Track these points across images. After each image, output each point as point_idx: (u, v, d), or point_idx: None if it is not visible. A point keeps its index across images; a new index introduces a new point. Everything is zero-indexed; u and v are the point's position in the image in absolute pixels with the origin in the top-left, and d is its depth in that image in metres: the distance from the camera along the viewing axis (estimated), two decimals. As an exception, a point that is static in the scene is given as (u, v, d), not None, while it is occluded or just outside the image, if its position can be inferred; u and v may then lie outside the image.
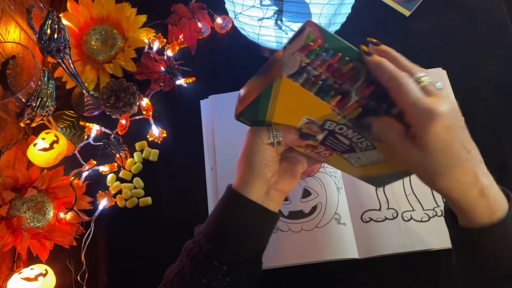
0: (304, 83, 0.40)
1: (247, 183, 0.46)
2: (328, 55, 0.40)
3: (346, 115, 0.41)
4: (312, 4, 0.60)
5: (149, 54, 0.77)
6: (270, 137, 0.46)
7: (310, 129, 0.45)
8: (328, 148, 0.48)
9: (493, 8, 0.78)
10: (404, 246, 0.61)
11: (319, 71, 0.40)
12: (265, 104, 0.44)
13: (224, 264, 0.44)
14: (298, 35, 0.40)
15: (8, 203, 0.62)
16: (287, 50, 0.40)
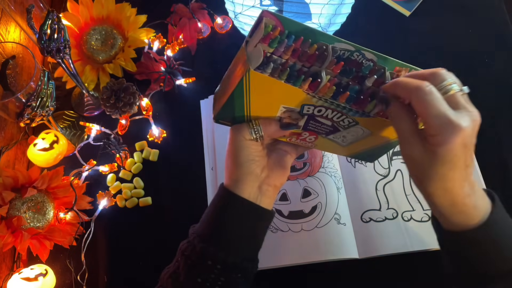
0: (273, 73, 0.39)
1: (237, 181, 0.46)
2: (291, 40, 0.40)
3: (321, 96, 0.41)
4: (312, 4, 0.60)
5: (149, 54, 0.77)
6: (252, 132, 0.46)
7: (290, 117, 0.45)
8: (312, 132, 0.47)
9: (493, 8, 0.78)
10: (404, 246, 0.61)
11: (285, 58, 0.40)
12: (239, 101, 0.43)
13: (217, 264, 0.44)
14: (256, 26, 0.40)
15: (8, 203, 0.62)
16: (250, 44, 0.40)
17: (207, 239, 0.45)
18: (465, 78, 0.72)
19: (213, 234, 0.46)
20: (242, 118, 0.47)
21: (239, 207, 0.46)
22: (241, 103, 0.44)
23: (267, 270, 0.60)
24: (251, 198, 0.46)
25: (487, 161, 0.65)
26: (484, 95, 0.71)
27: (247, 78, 0.40)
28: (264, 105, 0.44)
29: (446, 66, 0.73)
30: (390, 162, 0.67)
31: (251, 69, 0.39)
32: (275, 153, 0.50)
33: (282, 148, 0.51)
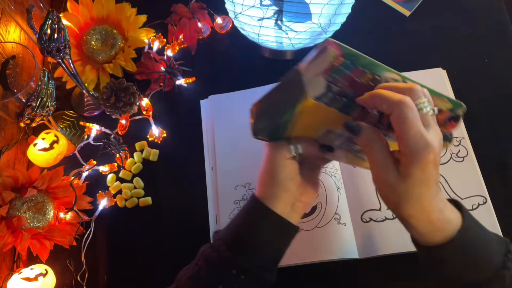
0: (329, 102, 0.39)
1: (273, 197, 0.46)
2: (348, 69, 0.40)
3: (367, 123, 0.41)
4: (312, 4, 0.60)
5: (149, 54, 0.77)
6: (291, 149, 0.46)
7: (329, 137, 0.46)
8: (344, 150, 0.48)
9: (493, 8, 0.78)
10: (404, 246, 0.61)
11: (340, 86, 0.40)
12: (286, 123, 0.43)
13: (242, 273, 0.44)
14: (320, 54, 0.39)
15: (8, 203, 0.62)
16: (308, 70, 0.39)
17: (234, 248, 0.45)
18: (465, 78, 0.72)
19: (242, 244, 0.46)
20: (281, 136, 0.47)
21: (271, 222, 0.46)
22: (287, 125, 0.44)
23: (267, 270, 0.60)
24: (284, 214, 0.47)
25: (487, 161, 0.65)
26: (484, 95, 0.71)
27: (303, 106, 0.39)
28: (309, 127, 0.44)
29: (446, 66, 0.73)
30: (390, 162, 0.67)
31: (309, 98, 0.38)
32: (306, 168, 0.50)
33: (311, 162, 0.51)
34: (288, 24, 0.65)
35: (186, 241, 0.66)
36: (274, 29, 0.66)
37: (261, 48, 0.76)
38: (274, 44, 0.70)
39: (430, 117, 0.38)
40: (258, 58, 0.77)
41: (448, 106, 0.44)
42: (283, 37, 0.67)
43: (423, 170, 0.37)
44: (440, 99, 0.43)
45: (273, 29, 0.66)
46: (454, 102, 0.44)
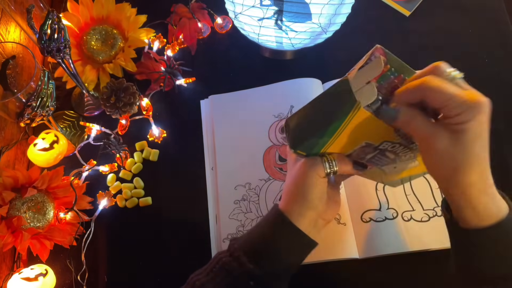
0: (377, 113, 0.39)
1: (299, 214, 0.46)
2: (393, 76, 0.39)
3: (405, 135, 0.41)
4: (312, 4, 0.60)
5: (149, 54, 0.77)
6: (326, 166, 0.46)
7: (364, 151, 0.45)
8: (371, 164, 0.48)
9: (493, 8, 0.78)
10: (404, 246, 0.61)
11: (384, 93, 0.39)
12: (331, 134, 0.43)
13: (260, 286, 0.45)
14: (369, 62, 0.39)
15: (8, 203, 0.62)
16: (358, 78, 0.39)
17: (255, 260, 0.45)
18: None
19: (263, 257, 0.46)
20: (318, 150, 0.46)
21: (295, 238, 0.46)
22: (330, 137, 0.43)
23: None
24: (307, 231, 0.47)
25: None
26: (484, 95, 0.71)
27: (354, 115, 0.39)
28: (349, 140, 0.44)
29: (446, 66, 0.73)
30: (390, 162, 0.67)
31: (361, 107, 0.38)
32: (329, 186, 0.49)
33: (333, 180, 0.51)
34: (288, 24, 0.65)
35: (186, 241, 0.66)
36: (274, 29, 0.66)
37: (261, 48, 0.76)
38: (274, 44, 0.70)
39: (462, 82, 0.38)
40: (258, 58, 0.77)
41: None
42: (283, 37, 0.67)
43: (479, 124, 0.36)
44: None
45: (273, 29, 0.66)
46: None
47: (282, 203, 0.48)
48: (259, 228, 0.48)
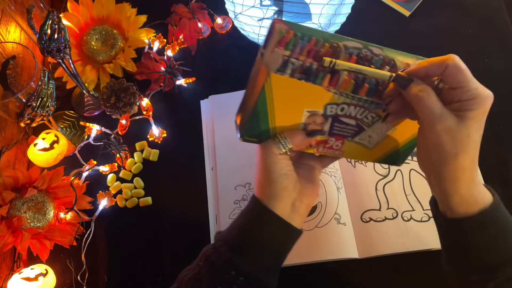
0: (293, 73, 0.40)
1: (271, 197, 0.46)
2: (304, 42, 0.41)
3: (342, 92, 0.42)
4: (312, 4, 0.60)
5: (149, 54, 0.77)
6: (280, 147, 0.46)
7: (315, 122, 0.46)
8: (338, 137, 0.48)
9: (493, 8, 0.78)
10: (404, 246, 0.61)
11: (301, 59, 0.41)
12: (264, 111, 0.44)
13: (241, 275, 0.44)
14: (270, 34, 0.41)
15: (8, 203, 0.62)
16: (266, 52, 0.41)
17: (234, 248, 0.45)
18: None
19: (241, 245, 0.46)
20: (267, 133, 0.47)
21: (271, 223, 0.46)
22: (265, 114, 0.44)
23: (267, 270, 0.60)
24: (284, 215, 0.46)
25: (487, 161, 0.64)
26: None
27: (269, 84, 0.40)
28: (288, 112, 0.45)
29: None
30: (390, 162, 0.67)
31: (271, 73, 0.39)
32: (302, 169, 0.50)
33: (308, 163, 0.51)
34: (288, 24, 0.65)
35: (186, 241, 0.66)
36: (274, 29, 0.66)
37: (261, 48, 0.76)
38: (274, 44, 0.70)
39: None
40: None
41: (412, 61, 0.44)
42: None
43: (484, 114, 0.39)
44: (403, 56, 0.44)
45: (273, 29, 0.66)
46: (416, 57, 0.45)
47: (255, 191, 0.48)
48: (238, 218, 0.48)
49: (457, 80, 0.38)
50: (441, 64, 0.39)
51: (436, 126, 0.39)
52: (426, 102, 0.40)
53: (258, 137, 0.48)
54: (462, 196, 0.40)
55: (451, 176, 0.40)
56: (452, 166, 0.39)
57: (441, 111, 0.39)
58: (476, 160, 0.40)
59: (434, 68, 0.40)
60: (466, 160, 0.39)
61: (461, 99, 0.39)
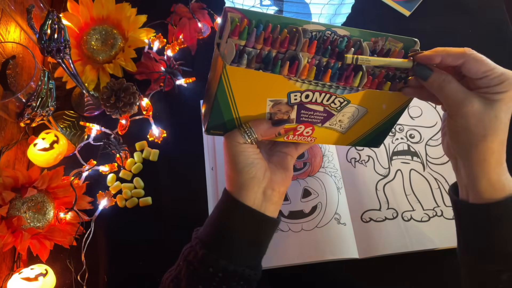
0: (249, 64, 0.39)
1: (240, 188, 0.45)
2: (260, 29, 0.40)
3: (304, 79, 0.40)
4: (312, 4, 0.60)
5: (149, 54, 0.77)
6: (245, 136, 0.45)
7: (280, 110, 0.44)
8: (307, 124, 0.47)
9: (493, 8, 0.78)
10: (404, 246, 0.61)
11: (258, 48, 0.40)
12: (225, 104, 0.43)
13: (219, 271, 0.43)
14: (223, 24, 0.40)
15: (8, 203, 0.62)
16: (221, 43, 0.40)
17: (209, 245, 0.45)
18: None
19: (215, 241, 0.45)
20: (232, 124, 0.46)
21: (242, 215, 0.45)
22: (227, 106, 0.43)
23: (267, 270, 0.60)
24: (256, 205, 0.45)
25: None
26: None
27: (226, 76, 0.39)
28: (250, 103, 0.43)
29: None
30: (390, 162, 0.67)
31: (227, 65, 0.38)
32: (275, 156, 0.49)
33: (281, 150, 0.50)
34: (288, 24, 0.65)
35: (186, 241, 0.65)
36: (274, 29, 0.66)
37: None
38: (274, 44, 0.70)
39: None
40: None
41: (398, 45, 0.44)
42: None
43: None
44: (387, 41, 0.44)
45: (273, 29, 0.66)
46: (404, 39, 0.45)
47: (226, 185, 0.48)
48: (212, 213, 0.48)
49: (481, 71, 0.39)
50: (458, 56, 0.39)
51: (462, 109, 0.39)
52: (448, 91, 0.40)
53: (223, 129, 0.47)
54: (490, 180, 0.40)
55: (479, 159, 0.40)
56: (480, 148, 0.39)
57: (465, 96, 0.39)
58: (505, 142, 0.40)
59: (449, 59, 0.40)
60: (495, 142, 0.39)
61: (489, 85, 0.39)
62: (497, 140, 0.39)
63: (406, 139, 0.69)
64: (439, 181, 0.65)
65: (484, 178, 0.40)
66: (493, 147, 0.39)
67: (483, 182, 0.40)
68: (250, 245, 0.46)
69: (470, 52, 0.39)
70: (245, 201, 0.45)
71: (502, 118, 0.39)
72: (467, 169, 0.41)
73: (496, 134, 0.39)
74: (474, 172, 0.40)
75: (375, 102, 0.44)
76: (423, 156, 0.67)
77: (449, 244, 0.61)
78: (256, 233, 0.46)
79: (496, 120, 0.39)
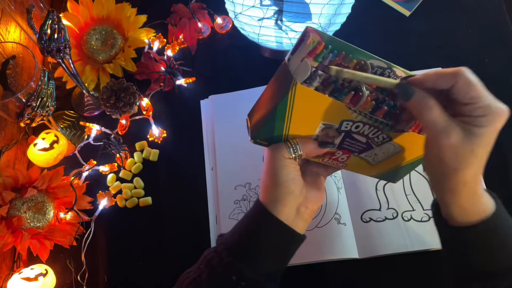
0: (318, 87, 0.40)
1: (276, 201, 0.46)
2: (334, 55, 0.41)
3: (361, 111, 0.42)
4: (312, 4, 0.60)
5: (149, 54, 0.77)
6: (291, 151, 0.46)
7: (327, 134, 0.46)
8: (346, 151, 0.48)
9: (493, 8, 0.78)
10: (404, 246, 0.61)
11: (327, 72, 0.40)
12: (281, 117, 0.44)
13: (242, 280, 0.44)
14: (301, 42, 0.41)
15: (8, 203, 0.62)
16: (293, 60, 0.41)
17: (236, 254, 0.45)
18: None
19: (243, 250, 0.45)
20: (279, 138, 0.47)
21: (274, 229, 0.45)
22: (282, 120, 0.44)
23: (267, 270, 0.60)
24: (288, 220, 0.46)
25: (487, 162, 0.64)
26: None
27: (293, 92, 0.40)
28: (304, 122, 0.44)
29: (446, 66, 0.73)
30: (390, 162, 0.67)
31: (298, 83, 0.39)
32: (308, 175, 0.50)
33: (313, 170, 0.51)
34: (288, 24, 0.65)
35: (186, 241, 0.66)
36: (274, 29, 0.66)
37: (261, 48, 0.76)
38: (274, 44, 0.70)
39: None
40: (258, 58, 0.77)
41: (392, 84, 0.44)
42: (283, 37, 0.67)
43: (493, 131, 0.37)
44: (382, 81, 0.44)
45: (273, 29, 0.66)
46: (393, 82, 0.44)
47: (260, 195, 0.48)
48: (241, 221, 0.48)
49: (469, 96, 0.37)
50: (450, 77, 0.38)
51: (438, 140, 0.38)
52: (429, 116, 0.38)
53: (269, 140, 0.48)
54: (462, 207, 0.40)
55: (451, 189, 0.39)
56: (452, 180, 0.39)
57: (445, 125, 0.38)
58: (479, 174, 0.39)
59: (442, 81, 0.38)
60: (467, 175, 0.38)
61: (472, 115, 0.37)
62: (469, 174, 0.38)
63: (406, 139, 0.69)
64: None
65: (456, 205, 0.40)
66: (466, 179, 0.38)
67: (456, 208, 0.40)
68: (276, 258, 0.46)
69: (464, 72, 0.37)
70: (279, 215, 0.45)
71: (479, 153, 0.37)
72: (439, 195, 0.41)
73: (468, 168, 0.38)
74: (446, 199, 0.40)
75: (411, 143, 0.46)
76: (423, 156, 0.67)
77: (449, 244, 0.61)
78: (284, 248, 0.47)
79: (471, 154, 0.37)
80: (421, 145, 0.44)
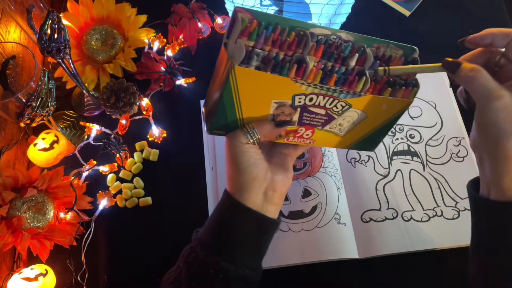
0: (258, 65, 0.40)
1: (242, 189, 0.45)
2: (268, 31, 0.40)
3: (310, 83, 0.41)
4: (312, 4, 0.60)
5: (149, 54, 0.77)
6: (248, 136, 0.45)
7: (283, 113, 0.45)
8: (308, 126, 0.47)
9: (493, 8, 0.78)
10: (404, 246, 0.61)
11: (266, 49, 0.40)
12: (230, 104, 0.43)
13: (220, 273, 0.43)
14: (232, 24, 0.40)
15: (8, 203, 0.62)
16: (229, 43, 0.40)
17: (209, 247, 0.45)
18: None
19: (216, 242, 0.45)
20: (235, 124, 0.46)
21: (243, 217, 0.45)
22: (232, 106, 0.43)
23: (268, 270, 0.60)
24: (256, 206, 0.45)
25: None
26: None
27: (234, 76, 0.39)
28: (255, 104, 0.44)
29: (446, 66, 0.73)
30: (390, 162, 0.67)
31: (236, 65, 0.38)
32: (275, 157, 0.49)
33: (281, 152, 0.50)
34: (288, 24, 0.65)
35: (186, 241, 0.65)
36: (274, 29, 0.66)
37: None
38: (274, 44, 0.70)
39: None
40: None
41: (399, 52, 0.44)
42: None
43: None
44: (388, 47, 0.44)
45: (273, 29, 0.66)
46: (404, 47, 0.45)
47: (226, 185, 0.47)
48: (213, 214, 0.48)
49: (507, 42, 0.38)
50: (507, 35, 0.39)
51: (492, 103, 0.38)
52: (478, 82, 0.39)
53: (225, 129, 0.47)
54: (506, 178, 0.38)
55: (505, 156, 0.38)
56: (507, 145, 0.38)
57: (495, 88, 0.38)
58: None
59: (500, 37, 0.39)
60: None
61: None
62: None
63: (406, 139, 0.69)
64: (439, 181, 0.65)
65: (509, 175, 0.38)
66: None
67: (507, 179, 0.38)
68: (250, 246, 0.46)
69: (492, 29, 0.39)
70: (246, 202, 0.45)
71: None
72: (492, 165, 0.40)
73: None
74: (499, 169, 0.39)
75: (375, 107, 0.45)
76: (423, 156, 0.67)
77: (449, 244, 0.61)
78: (257, 235, 0.46)
79: None
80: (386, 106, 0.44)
